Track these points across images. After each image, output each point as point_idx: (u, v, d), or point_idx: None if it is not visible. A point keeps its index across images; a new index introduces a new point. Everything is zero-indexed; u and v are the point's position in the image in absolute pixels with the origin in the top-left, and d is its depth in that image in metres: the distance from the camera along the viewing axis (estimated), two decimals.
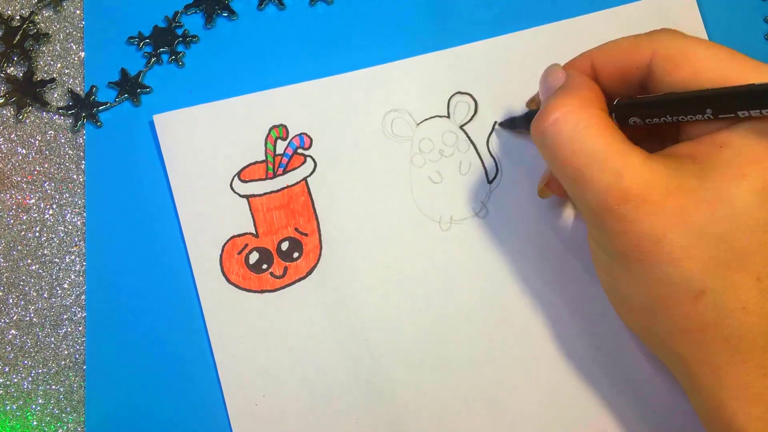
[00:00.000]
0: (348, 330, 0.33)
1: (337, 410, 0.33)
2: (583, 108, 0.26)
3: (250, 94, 0.36)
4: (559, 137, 0.26)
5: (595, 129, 0.26)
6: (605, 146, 0.25)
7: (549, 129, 0.26)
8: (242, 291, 0.34)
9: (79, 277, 0.35)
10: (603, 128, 0.26)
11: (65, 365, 0.34)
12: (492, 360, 0.33)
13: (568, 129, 0.26)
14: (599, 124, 0.26)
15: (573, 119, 0.26)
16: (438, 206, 0.35)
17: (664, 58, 0.26)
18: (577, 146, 0.26)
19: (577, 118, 0.26)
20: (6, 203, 0.36)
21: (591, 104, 0.26)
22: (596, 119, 0.26)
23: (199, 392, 0.33)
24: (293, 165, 0.35)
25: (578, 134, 0.26)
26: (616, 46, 0.29)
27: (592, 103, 0.27)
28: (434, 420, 0.32)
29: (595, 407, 0.32)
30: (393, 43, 0.37)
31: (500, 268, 0.34)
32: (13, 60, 0.38)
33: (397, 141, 0.35)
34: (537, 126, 0.27)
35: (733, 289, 0.24)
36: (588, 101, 0.27)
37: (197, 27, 0.38)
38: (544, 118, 0.27)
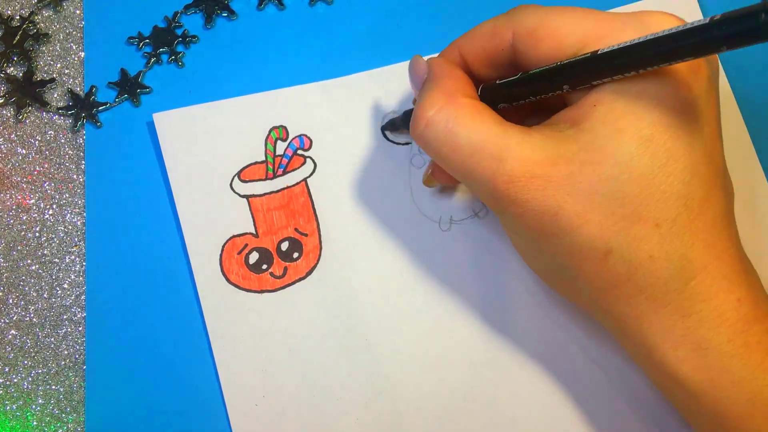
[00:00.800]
0: (348, 330, 0.33)
1: (337, 410, 0.33)
2: (450, 102, 0.26)
3: (250, 94, 0.36)
4: (435, 138, 0.26)
5: (466, 120, 0.26)
6: (480, 135, 0.25)
7: (425, 133, 0.27)
8: (242, 291, 0.34)
9: (79, 277, 0.35)
10: (474, 117, 0.26)
11: (65, 365, 0.34)
12: (491, 360, 0.33)
13: (441, 128, 0.26)
14: (470, 114, 0.26)
15: (443, 117, 0.26)
16: (438, 207, 0.35)
17: (525, 35, 0.27)
18: (454, 142, 0.26)
19: (446, 115, 0.26)
20: (6, 203, 0.36)
21: (457, 94, 0.27)
22: (465, 109, 0.26)
23: (199, 392, 0.33)
24: (293, 166, 0.35)
25: (451, 131, 0.26)
26: (479, 31, 0.29)
27: (458, 93, 0.27)
28: (434, 420, 0.32)
29: (595, 407, 0.32)
30: (393, 43, 0.37)
31: (500, 268, 0.34)
32: (13, 60, 0.38)
33: (396, 142, 0.35)
34: (414, 132, 0.28)
35: (636, 241, 0.24)
36: (453, 92, 0.27)
37: (197, 27, 0.38)
38: (417, 123, 0.27)
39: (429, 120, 0.27)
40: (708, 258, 0.24)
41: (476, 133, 0.26)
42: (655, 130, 0.24)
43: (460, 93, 0.27)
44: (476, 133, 0.26)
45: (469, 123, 0.26)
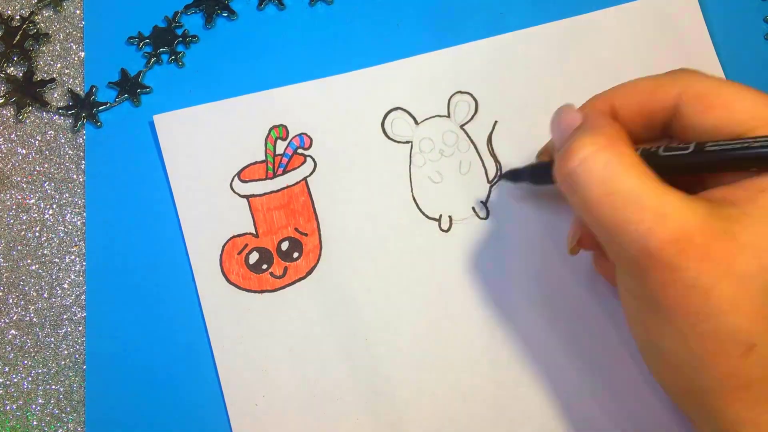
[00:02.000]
0: (348, 330, 0.33)
1: (337, 410, 0.33)
2: (612, 145, 0.24)
3: (250, 94, 0.36)
4: (588, 178, 0.24)
5: (627, 167, 0.24)
6: (641, 185, 0.23)
7: (577, 170, 0.24)
8: (242, 291, 0.34)
9: (79, 277, 0.35)
10: (635, 166, 0.24)
11: (65, 365, 0.34)
12: (492, 360, 0.33)
13: (599, 168, 0.24)
14: (631, 162, 0.24)
15: (603, 158, 0.24)
16: (438, 206, 0.35)
17: (694, 98, 0.25)
18: (611, 186, 0.23)
19: (607, 157, 0.24)
20: (6, 203, 0.36)
21: (620, 142, 0.24)
22: (627, 157, 0.24)
23: (199, 392, 0.33)
24: (293, 165, 0.35)
25: (610, 173, 0.24)
26: (637, 85, 0.27)
27: (621, 141, 0.25)
28: (434, 420, 0.32)
29: (595, 407, 0.32)
30: (393, 43, 0.37)
31: (500, 268, 0.34)
32: (13, 60, 0.38)
33: (397, 141, 0.35)
34: (562, 168, 0.25)
35: None
36: (615, 138, 0.25)
37: (197, 27, 0.38)
38: (569, 159, 0.24)
39: (585, 158, 0.24)
40: None
41: (637, 182, 0.23)
42: None
43: (624, 142, 0.25)
44: (637, 182, 0.23)
45: (629, 170, 0.23)
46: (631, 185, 0.23)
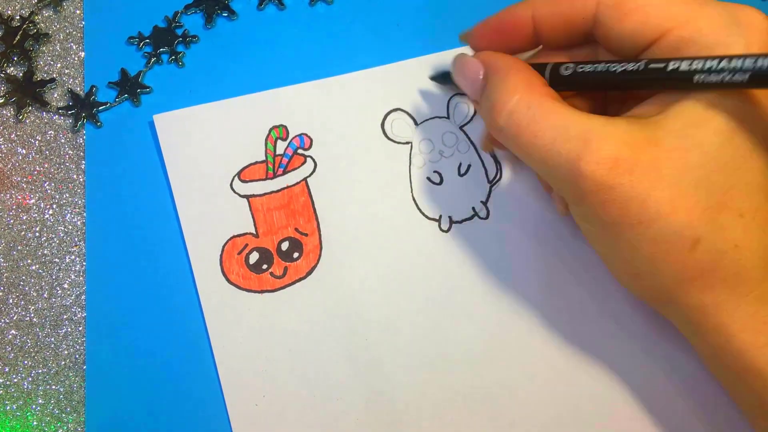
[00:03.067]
0: (348, 330, 0.33)
1: (337, 410, 0.33)
2: (531, 89, 0.26)
3: (250, 94, 0.36)
4: (518, 126, 0.26)
5: (548, 105, 0.26)
6: (564, 118, 0.25)
7: (507, 123, 0.26)
8: (242, 291, 0.34)
9: (79, 277, 0.35)
10: (555, 103, 0.26)
11: (65, 365, 0.34)
12: (492, 360, 0.33)
13: (524, 115, 0.26)
14: (551, 100, 0.26)
15: (525, 104, 0.26)
16: (438, 206, 0.35)
17: (612, 6, 0.26)
18: (537, 127, 0.25)
19: (528, 102, 0.26)
20: (6, 203, 0.36)
21: (536, 82, 0.27)
22: (546, 97, 0.26)
23: (199, 392, 0.33)
24: (293, 165, 0.35)
25: (535, 116, 0.26)
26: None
27: (536, 81, 0.27)
28: (434, 420, 0.32)
29: (595, 407, 0.32)
30: (393, 43, 0.37)
31: (500, 268, 0.34)
32: (13, 60, 0.38)
33: (397, 141, 0.35)
34: (494, 122, 0.27)
35: (722, 230, 0.24)
36: (532, 80, 0.27)
37: (197, 27, 0.38)
38: (497, 115, 0.27)
39: (512, 108, 0.26)
40: None
41: (560, 117, 0.25)
42: (739, 124, 0.24)
43: (539, 81, 0.27)
44: (560, 117, 0.25)
45: (552, 108, 0.25)
46: (554, 122, 0.25)
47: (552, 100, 0.26)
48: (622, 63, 0.26)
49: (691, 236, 0.24)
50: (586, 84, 0.27)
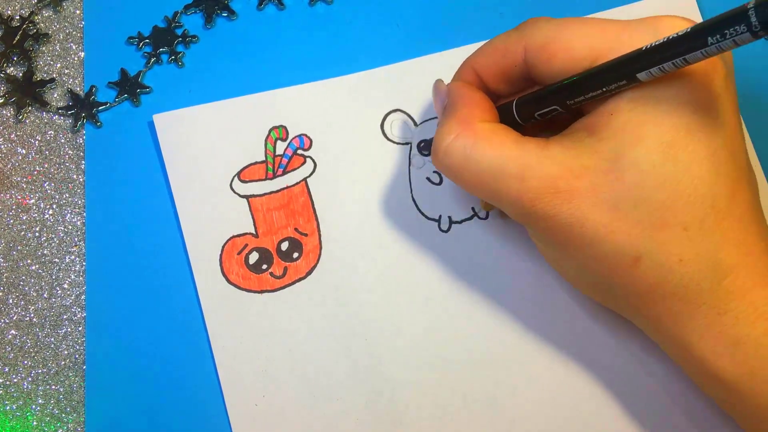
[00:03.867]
0: (348, 330, 0.33)
1: (337, 410, 0.33)
2: (466, 127, 0.27)
3: (250, 94, 0.36)
4: (454, 165, 0.27)
5: (483, 144, 0.26)
6: (499, 157, 0.26)
7: (443, 161, 0.27)
8: (242, 291, 0.34)
9: (79, 277, 0.35)
10: (492, 141, 0.26)
11: (65, 365, 0.34)
12: (492, 360, 0.33)
13: (459, 155, 0.27)
14: (486, 138, 0.26)
15: (460, 144, 0.27)
16: (437, 207, 0.35)
17: (537, 50, 0.27)
18: (474, 167, 0.26)
19: (463, 142, 0.26)
20: (6, 203, 0.36)
21: (473, 120, 0.27)
22: (481, 134, 0.26)
23: (199, 392, 0.33)
24: (293, 166, 0.35)
25: (469, 157, 0.26)
26: (490, 47, 0.29)
27: (474, 118, 0.27)
28: (434, 420, 0.32)
29: (595, 407, 0.32)
30: (393, 43, 0.37)
31: (500, 268, 0.34)
32: (13, 60, 0.38)
33: (396, 142, 0.35)
34: (434, 160, 0.28)
35: (665, 246, 0.24)
36: (469, 117, 0.27)
37: (197, 27, 0.38)
38: (436, 152, 0.28)
39: (446, 148, 0.27)
40: (738, 256, 0.24)
41: (495, 155, 0.26)
42: (675, 135, 0.24)
43: (476, 118, 0.27)
44: (495, 155, 0.26)
45: (486, 146, 0.26)
46: (490, 160, 0.26)
47: (489, 137, 0.26)
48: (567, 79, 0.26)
49: (632, 255, 0.25)
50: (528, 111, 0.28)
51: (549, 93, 0.27)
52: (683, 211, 0.24)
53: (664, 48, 0.22)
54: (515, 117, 0.29)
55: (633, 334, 0.32)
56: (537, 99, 0.27)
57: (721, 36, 0.20)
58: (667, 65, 0.22)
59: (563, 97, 0.26)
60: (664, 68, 0.23)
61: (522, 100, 0.28)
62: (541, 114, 0.27)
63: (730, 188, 0.24)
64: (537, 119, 0.28)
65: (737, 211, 0.25)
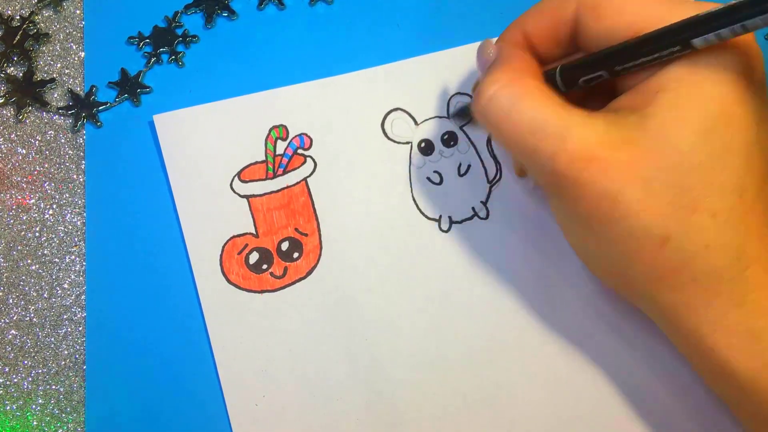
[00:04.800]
0: (348, 330, 0.33)
1: (337, 410, 0.33)
2: (515, 80, 0.26)
3: (250, 94, 0.36)
4: (497, 114, 0.26)
5: (530, 98, 0.26)
6: (543, 113, 0.25)
7: (486, 108, 0.27)
8: (242, 291, 0.34)
9: (79, 277, 0.35)
10: (538, 96, 0.26)
11: (65, 365, 0.34)
12: (492, 360, 0.33)
13: (504, 104, 0.26)
14: (534, 93, 0.26)
15: (506, 93, 0.26)
16: (438, 206, 0.35)
17: (590, 8, 0.27)
18: (516, 118, 0.26)
19: (510, 92, 0.26)
20: (6, 203, 0.36)
21: (523, 75, 0.27)
22: (529, 88, 0.26)
23: (199, 392, 0.33)
24: (293, 165, 0.35)
25: (514, 107, 0.26)
26: (543, 5, 0.29)
27: (524, 74, 0.27)
28: (434, 420, 0.32)
29: (595, 407, 0.32)
30: (393, 43, 0.37)
31: (500, 268, 0.34)
32: (13, 60, 0.38)
33: (397, 141, 0.35)
34: (475, 108, 0.27)
35: (693, 230, 0.24)
36: (519, 72, 0.27)
37: (197, 27, 0.38)
38: (479, 99, 0.27)
39: (492, 95, 0.26)
40: (761, 249, 0.25)
41: (539, 111, 0.25)
42: (716, 122, 0.24)
43: (527, 73, 0.27)
44: (539, 111, 0.25)
45: (532, 101, 0.26)
46: (534, 114, 0.25)
47: (535, 93, 0.26)
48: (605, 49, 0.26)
49: (660, 235, 0.24)
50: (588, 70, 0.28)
51: (597, 58, 0.27)
52: (713, 197, 0.24)
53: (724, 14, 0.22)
54: (558, 84, 0.28)
55: (634, 333, 0.32)
56: (584, 64, 0.27)
57: None
58: (724, 32, 0.22)
59: (612, 62, 0.26)
60: (721, 36, 0.23)
61: (568, 66, 0.28)
62: (586, 80, 0.27)
63: (758, 183, 0.25)
64: (580, 87, 0.28)
65: (761, 207, 0.25)
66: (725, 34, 0.23)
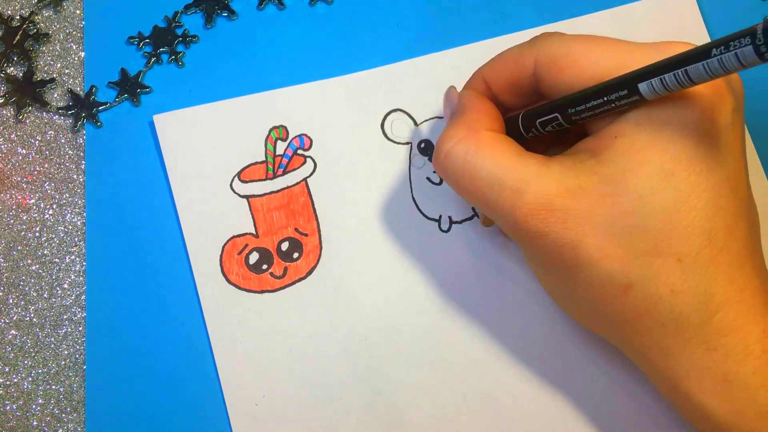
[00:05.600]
0: (348, 330, 0.33)
1: (337, 410, 0.33)
2: (471, 134, 0.27)
3: (250, 94, 0.36)
4: (453, 169, 0.27)
5: (484, 152, 0.26)
6: (498, 167, 0.25)
7: (444, 163, 0.27)
8: (242, 291, 0.34)
9: (79, 277, 0.35)
10: (492, 150, 0.26)
11: (65, 365, 0.34)
12: (492, 360, 0.33)
13: (460, 160, 0.26)
14: (489, 146, 0.26)
15: (462, 149, 0.26)
16: (438, 207, 0.35)
17: (547, 64, 0.26)
18: (473, 173, 0.26)
19: (465, 147, 0.26)
20: (6, 203, 0.36)
21: (478, 127, 0.27)
22: (484, 141, 0.26)
23: (199, 392, 0.33)
24: (293, 166, 0.35)
25: (469, 163, 0.26)
26: (502, 59, 0.29)
27: (480, 125, 0.27)
28: (434, 420, 0.32)
29: (595, 407, 0.32)
30: (393, 43, 0.37)
31: (500, 268, 0.34)
32: (13, 60, 0.38)
33: (396, 142, 0.35)
34: (435, 163, 0.28)
35: (657, 275, 0.24)
36: (475, 125, 0.27)
37: (197, 27, 0.38)
38: (437, 155, 0.27)
39: (448, 152, 0.27)
40: (731, 292, 0.24)
41: (495, 165, 0.26)
42: (677, 164, 0.23)
43: (483, 126, 0.27)
44: (495, 165, 0.26)
45: (488, 155, 0.26)
46: (490, 168, 0.26)
47: (492, 145, 0.26)
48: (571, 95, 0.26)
49: (623, 282, 0.24)
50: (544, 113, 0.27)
51: (553, 104, 0.27)
52: (679, 241, 0.24)
53: (668, 62, 0.22)
54: (520, 130, 0.28)
55: None
56: (541, 110, 0.27)
57: (725, 47, 0.20)
58: (668, 78, 0.22)
59: (566, 106, 0.26)
60: (666, 82, 0.22)
61: (528, 113, 0.28)
62: (543, 122, 0.27)
63: (729, 223, 0.24)
64: (541, 132, 0.28)
65: (734, 247, 0.24)
66: (671, 83, 0.22)
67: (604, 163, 0.24)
